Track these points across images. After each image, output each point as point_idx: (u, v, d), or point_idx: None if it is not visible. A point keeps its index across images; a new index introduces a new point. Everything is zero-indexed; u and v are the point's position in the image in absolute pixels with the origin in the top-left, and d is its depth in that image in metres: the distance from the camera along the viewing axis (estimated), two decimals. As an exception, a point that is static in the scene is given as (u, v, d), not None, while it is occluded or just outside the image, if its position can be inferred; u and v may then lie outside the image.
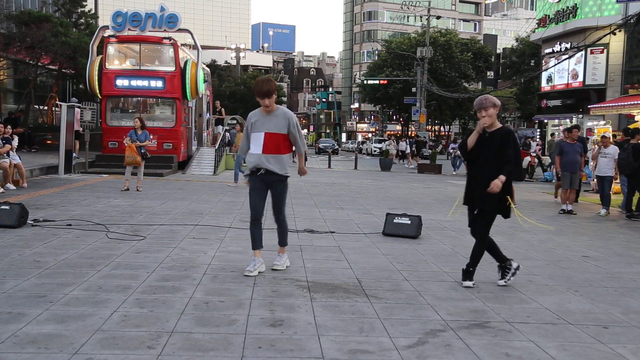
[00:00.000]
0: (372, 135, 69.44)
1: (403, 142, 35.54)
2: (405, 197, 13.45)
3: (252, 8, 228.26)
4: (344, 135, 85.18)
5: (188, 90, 18.33)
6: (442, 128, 72.51)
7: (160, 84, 18.00)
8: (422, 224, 7.67)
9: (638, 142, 10.56)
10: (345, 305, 4.36)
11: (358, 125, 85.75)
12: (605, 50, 26.69)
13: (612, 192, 11.75)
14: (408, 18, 52.52)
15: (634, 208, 10.70)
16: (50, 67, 24.12)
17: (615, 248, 7.50)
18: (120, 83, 17.95)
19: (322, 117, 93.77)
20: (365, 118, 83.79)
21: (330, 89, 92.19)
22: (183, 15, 19.51)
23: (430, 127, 65.28)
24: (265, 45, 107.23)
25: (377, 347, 3.55)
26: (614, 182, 12.23)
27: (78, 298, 4.27)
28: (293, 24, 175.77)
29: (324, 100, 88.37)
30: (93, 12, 28.26)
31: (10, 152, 11.28)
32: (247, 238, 6.98)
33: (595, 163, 11.90)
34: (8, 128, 11.81)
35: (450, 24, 76.66)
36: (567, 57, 27.23)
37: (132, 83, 17.99)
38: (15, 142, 12.02)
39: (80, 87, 27.09)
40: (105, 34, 18.32)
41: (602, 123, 21.79)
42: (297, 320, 3.96)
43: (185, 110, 19.05)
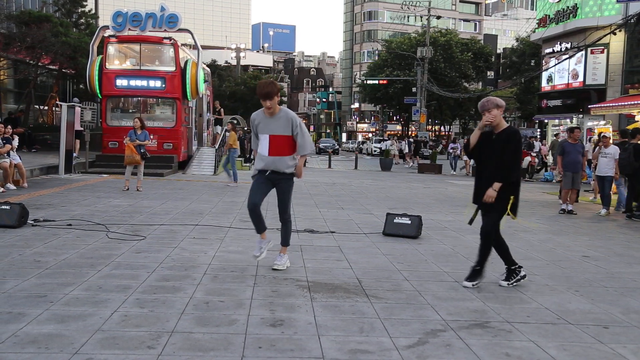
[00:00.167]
0: (372, 135, 69.44)
1: (402, 142, 35.76)
2: (406, 197, 13.45)
3: (252, 8, 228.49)
4: (344, 135, 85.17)
5: (188, 90, 18.33)
6: (442, 128, 72.53)
7: (161, 84, 17.99)
8: (422, 224, 7.68)
9: (639, 142, 10.56)
10: (346, 305, 4.37)
11: (358, 125, 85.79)
12: (606, 50, 26.67)
13: (612, 192, 11.75)
14: (408, 18, 52.62)
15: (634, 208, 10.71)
16: (51, 67, 24.12)
17: (616, 248, 7.50)
18: (121, 83, 17.94)
19: (322, 117, 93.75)
20: (366, 118, 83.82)
21: (331, 89, 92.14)
22: (183, 15, 19.51)
23: (431, 127, 65.30)
24: (266, 45, 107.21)
25: (377, 347, 3.55)
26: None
27: (78, 298, 4.27)
28: (293, 24, 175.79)
29: (324, 100, 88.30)
30: (93, 12, 28.27)
31: (11, 152, 11.29)
32: (247, 238, 7.01)
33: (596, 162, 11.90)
34: (8, 128, 11.82)
35: (451, 24, 76.71)
36: (567, 57, 27.21)
37: (132, 83, 17.98)
38: (16, 142, 12.02)
39: (81, 87, 27.09)
40: (106, 34, 18.32)
41: (602, 123, 21.80)
42: (297, 320, 3.96)
43: (186, 110, 19.04)
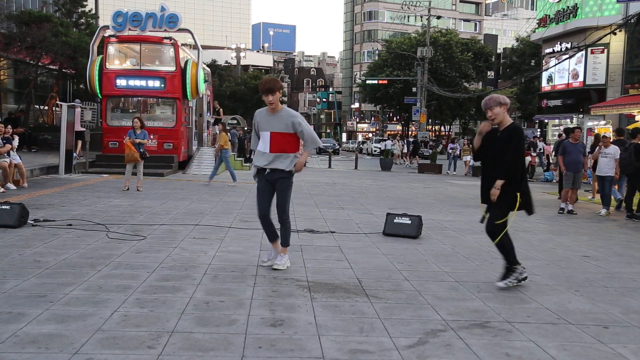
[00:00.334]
0: (372, 135, 69.45)
1: (401, 141, 35.93)
2: (406, 197, 13.45)
3: (252, 8, 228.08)
4: (345, 135, 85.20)
5: (188, 90, 18.32)
6: (442, 128, 72.52)
7: (161, 84, 17.98)
8: (422, 224, 7.67)
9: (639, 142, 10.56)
10: (346, 305, 4.36)
11: (358, 125, 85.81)
12: (606, 50, 26.69)
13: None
14: (408, 18, 52.62)
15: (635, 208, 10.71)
16: (51, 67, 24.13)
17: (616, 248, 7.50)
18: (121, 83, 17.93)
19: (322, 117, 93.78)
20: (366, 118, 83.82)
21: (331, 89, 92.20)
22: (183, 15, 19.51)
23: (431, 127, 65.32)
24: (266, 45, 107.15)
25: (377, 347, 3.55)
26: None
27: (78, 298, 4.27)
28: (293, 24, 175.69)
29: (325, 100, 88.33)
30: (93, 12, 28.28)
31: (11, 151, 11.29)
32: (247, 238, 7.02)
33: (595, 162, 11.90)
34: (8, 128, 11.82)
35: (451, 24, 76.73)
36: (567, 57, 27.23)
37: (132, 83, 17.97)
38: (16, 142, 12.02)
39: (81, 87, 27.12)
40: (106, 34, 18.31)
41: (602, 123, 21.82)
42: (297, 320, 3.96)
43: (186, 110, 19.04)
